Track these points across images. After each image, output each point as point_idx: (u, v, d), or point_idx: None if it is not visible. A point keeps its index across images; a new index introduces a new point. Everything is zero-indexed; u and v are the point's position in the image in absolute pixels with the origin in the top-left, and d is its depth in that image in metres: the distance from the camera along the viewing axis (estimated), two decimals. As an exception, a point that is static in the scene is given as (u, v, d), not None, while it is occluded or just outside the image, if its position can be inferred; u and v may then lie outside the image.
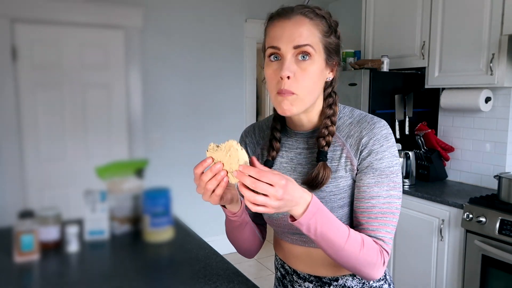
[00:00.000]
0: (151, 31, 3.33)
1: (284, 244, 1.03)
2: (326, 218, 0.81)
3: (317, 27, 0.87)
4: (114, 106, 3.20)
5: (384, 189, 0.88)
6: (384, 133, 0.90)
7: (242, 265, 3.53)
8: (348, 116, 0.96)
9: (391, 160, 0.89)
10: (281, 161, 0.99)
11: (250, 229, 1.02)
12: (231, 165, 0.81)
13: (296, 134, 0.99)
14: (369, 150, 0.89)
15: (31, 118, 2.95)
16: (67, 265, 1.30)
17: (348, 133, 0.93)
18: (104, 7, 3.10)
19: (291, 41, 0.85)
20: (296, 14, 0.87)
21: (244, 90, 3.82)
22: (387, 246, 0.88)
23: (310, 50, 0.86)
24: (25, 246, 1.28)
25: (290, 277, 1.05)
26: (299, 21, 0.86)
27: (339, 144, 0.93)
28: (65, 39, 3.01)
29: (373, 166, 0.89)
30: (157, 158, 3.35)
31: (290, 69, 0.85)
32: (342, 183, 0.91)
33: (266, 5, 3.82)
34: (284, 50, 0.86)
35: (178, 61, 3.48)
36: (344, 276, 0.97)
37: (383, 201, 0.88)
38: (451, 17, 2.45)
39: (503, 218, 1.98)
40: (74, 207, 1.50)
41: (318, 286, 1.00)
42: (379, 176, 0.88)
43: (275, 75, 0.87)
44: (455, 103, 2.56)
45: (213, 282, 1.17)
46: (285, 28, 0.86)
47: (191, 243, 1.47)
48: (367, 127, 0.91)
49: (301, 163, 0.96)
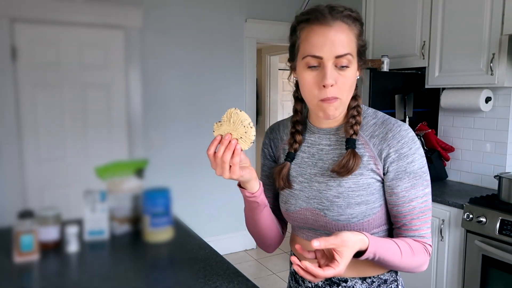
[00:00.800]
0: (151, 31, 3.33)
1: (300, 240, 1.05)
2: (382, 248, 0.86)
3: (353, 32, 0.90)
4: (114, 106, 3.20)
5: (420, 190, 0.92)
6: (411, 135, 0.92)
7: (242, 265, 3.53)
8: (371, 117, 0.97)
9: (421, 161, 0.92)
10: (302, 156, 1.01)
11: (269, 214, 1.03)
12: (238, 130, 0.84)
13: (319, 130, 1.00)
14: (398, 154, 0.91)
15: (31, 118, 2.94)
16: (67, 265, 1.30)
17: (372, 133, 0.94)
18: (104, 7, 3.10)
19: (333, 51, 0.86)
20: (336, 19, 0.87)
21: (244, 90, 3.82)
22: (429, 241, 0.95)
23: (350, 58, 0.88)
24: (24, 246, 1.27)
25: None
26: (340, 29, 0.87)
27: (362, 143, 0.94)
28: (65, 39, 3.00)
29: (406, 171, 0.91)
30: (157, 158, 3.35)
31: (333, 78, 0.87)
32: (362, 180, 0.93)
33: (266, 5, 3.84)
34: (326, 59, 0.87)
35: (178, 61, 3.48)
36: (354, 278, 0.98)
37: (421, 200, 0.92)
38: (451, 17, 2.45)
39: (503, 218, 1.98)
40: (74, 207, 1.50)
41: (327, 285, 1.01)
42: (414, 179, 0.91)
43: (315, 83, 0.89)
44: (455, 103, 2.55)
45: (213, 282, 1.17)
46: (327, 36, 0.86)
47: (191, 243, 1.47)
48: (393, 129, 0.92)
49: (322, 159, 0.98)
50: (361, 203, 0.92)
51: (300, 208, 0.98)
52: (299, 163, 1.01)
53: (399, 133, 0.91)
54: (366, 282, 0.98)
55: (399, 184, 0.92)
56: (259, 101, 5.72)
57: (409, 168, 0.91)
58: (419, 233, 0.93)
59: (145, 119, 3.36)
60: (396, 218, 0.94)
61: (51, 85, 2.99)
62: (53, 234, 1.36)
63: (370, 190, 0.93)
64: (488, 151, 2.53)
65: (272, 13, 3.85)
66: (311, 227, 0.99)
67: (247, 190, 0.95)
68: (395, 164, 0.91)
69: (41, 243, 1.34)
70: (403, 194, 0.92)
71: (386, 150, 0.91)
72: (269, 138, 1.11)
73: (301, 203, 0.98)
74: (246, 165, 0.90)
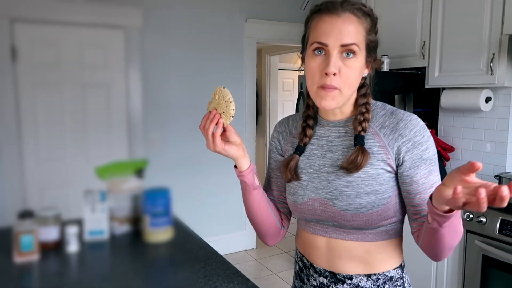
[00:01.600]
0: (151, 31, 3.33)
1: (306, 235, 1.06)
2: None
3: (363, 25, 0.91)
4: (114, 106, 3.20)
5: (436, 175, 0.93)
6: (422, 124, 0.94)
7: (242, 265, 3.53)
8: (380, 108, 0.99)
9: (434, 148, 0.94)
10: (311, 148, 1.02)
11: (261, 198, 1.06)
12: (221, 105, 0.94)
13: (328, 123, 1.01)
14: (412, 142, 0.91)
15: (31, 118, 2.94)
16: (67, 265, 1.30)
17: (382, 124, 0.95)
18: (104, 7, 3.10)
19: (339, 39, 0.88)
20: (345, 11, 0.89)
21: (244, 90, 3.82)
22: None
23: (355, 49, 0.89)
24: (24, 246, 1.27)
25: (307, 270, 1.07)
26: (348, 19, 0.89)
27: (372, 133, 0.95)
28: (64, 39, 3.01)
29: (422, 158, 0.92)
30: (157, 158, 3.35)
31: (336, 66, 0.88)
32: (372, 170, 0.93)
33: (266, 5, 3.84)
34: (332, 47, 0.88)
35: (178, 61, 3.48)
36: (359, 275, 0.98)
37: (439, 183, 0.92)
38: (451, 17, 2.45)
39: (503, 218, 1.98)
40: (74, 207, 1.50)
41: (332, 282, 1.01)
42: (430, 165, 0.92)
43: (318, 69, 0.90)
44: (455, 103, 2.55)
45: (213, 282, 1.17)
46: (334, 25, 0.88)
47: (191, 243, 1.47)
48: (404, 119, 0.93)
49: (331, 150, 0.99)
50: (370, 193, 0.92)
51: (309, 198, 0.99)
52: (308, 155, 1.02)
53: (410, 122, 0.92)
54: (371, 279, 0.98)
55: (418, 171, 0.92)
56: (259, 101, 5.72)
57: (424, 155, 0.92)
58: None
59: (145, 119, 3.36)
60: (420, 206, 0.93)
61: (51, 85, 2.99)
62: (53, 234, 1.36)
63: (380, 180, 0.93)
64: (488, 151, 2.53)
65: (272, 13, 3.85)
66: (319, 218, 1.00)
67: (237, 169, 1.00)
68: (411, 153, 0.91)
69: (41, 243, 1.34)
70: (422, 181, 0.92)
71: (399, 140, 0.92)
72: (278, 132, 1.13)
73: (310, 194, 0.99)
74: (234, 142, 0.98)
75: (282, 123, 1.14)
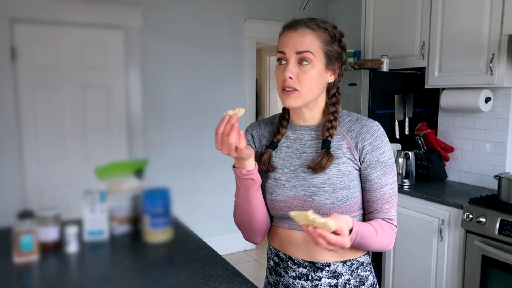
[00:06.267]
0: (151, 31, 3.33)
1: (282, 231, 1.14)
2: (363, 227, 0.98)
3: (319, 37, 1.04)
4: (113, 107, 3.20)
5: (389, 177, 1.08)
6: (382, 130, 1.09)
7: (242, 265, 3.53)
8: (346, 115, 1.13)
9: (390, 152, 1.09)
10: (286, 151, 1.13)
11: (260, 195, 1.11)
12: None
13: (301, 128, 1.14)
14: (372, 146, 1.06)
15: (30, 118, 2.94)
16: (67, 266, 1.30)
17: (349, 128, 1.09)
18: (104, 7, 3.10)
19: (294, 48, 1.03)
20: (301, 26, 1.04)
21: (244, 90, 3.82)
22: (395, 222, 1.10)
23: (310, 56, 1.03)
24: (24, 246, 1.27)
25: (284, 264, 1.14)
26: (303, 32, 1.03)
27: (341, 137, 1.09)
28: (64, 39, 3.00)
29: (379, 160, 1.06)
30: (157, 158, 3.35)
31: (292, 71, 1.03)
32: (344, 168, 1.06)
33: (265, 5, 3.84)
34: (288, 55, 1.04)
35: (178, 61, 3.48)
36: (336, 262, 1.09)
37: (390, 187, 1.08)
38: (451, 17, 2.45)
39: (503, 218, 1.98)
40: (74, 207, 1.50)
41: (311, 271, 1.10)
42: (385, 168, 1.07)
43: (281, 75, 1.05)
44: (455, 103, 2.56)
45: (212, 283, 1.17)
46: (290, 37, 1.04)
47: (191, 243, 1.47)
48: (367, 125, 1.08)
49: (305, 152, 1.11)
50: (344, 188, 1.05)
51: (287, 196, 1.09)
52: (283, 156, 1.12)
53: (372, 128, 1.07)
54: (346, 265, 1.10)
55: (373, 172, 1.06)
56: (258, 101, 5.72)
57: (381, 158, 1.06)
58: (388, 215, 1.08)
59: (145, 119, 3.36)
60: (369, 203, 1.09)
61: (51, 86, 2.99)
62: (52, 234, 1.37)
63: (351, 176, 1.07)
64: (488, 151, 2.53)
65: (272, 13, 3.85)
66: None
67: (245, 168, 1.03)
68: (370, 155, 1.06)
69: (41, 243, 1.34)
70: (375, 181, 1.07)
71: (362, 143, 1.06)
72: (251, 135, 1.21)
73: (288, 192, 1.09)
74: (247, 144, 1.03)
75: (253, 126, 1.22)
